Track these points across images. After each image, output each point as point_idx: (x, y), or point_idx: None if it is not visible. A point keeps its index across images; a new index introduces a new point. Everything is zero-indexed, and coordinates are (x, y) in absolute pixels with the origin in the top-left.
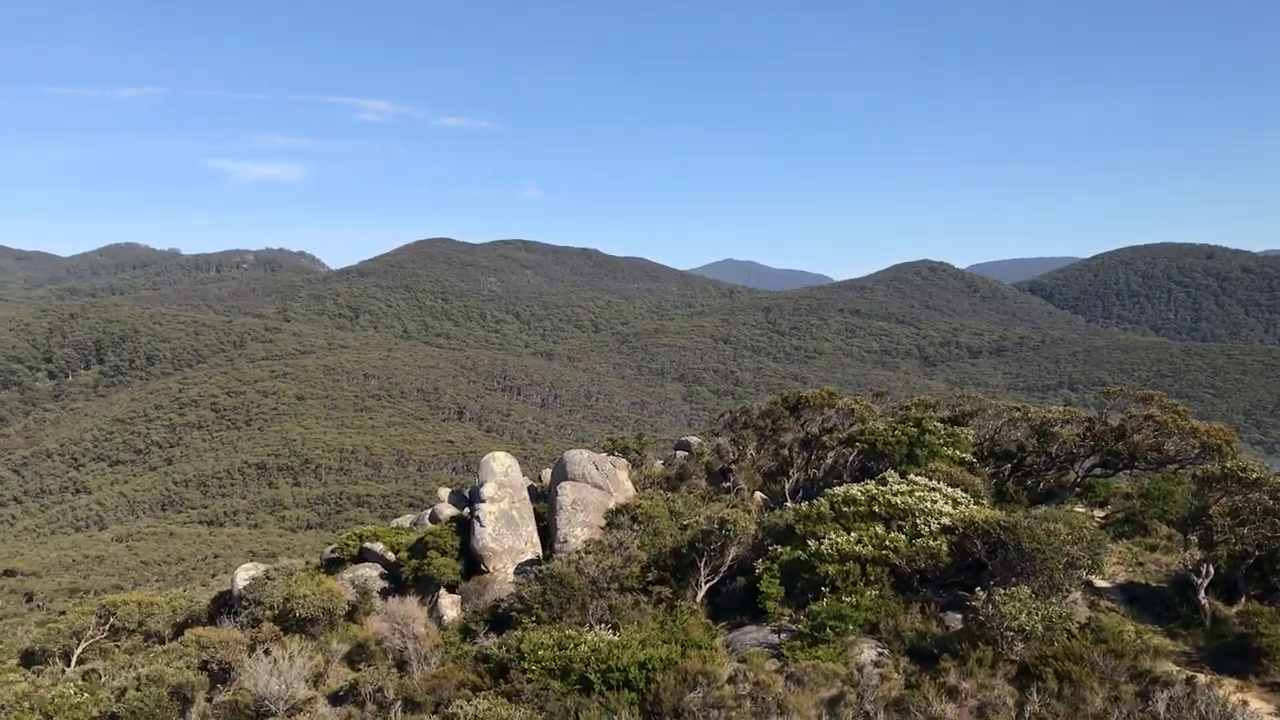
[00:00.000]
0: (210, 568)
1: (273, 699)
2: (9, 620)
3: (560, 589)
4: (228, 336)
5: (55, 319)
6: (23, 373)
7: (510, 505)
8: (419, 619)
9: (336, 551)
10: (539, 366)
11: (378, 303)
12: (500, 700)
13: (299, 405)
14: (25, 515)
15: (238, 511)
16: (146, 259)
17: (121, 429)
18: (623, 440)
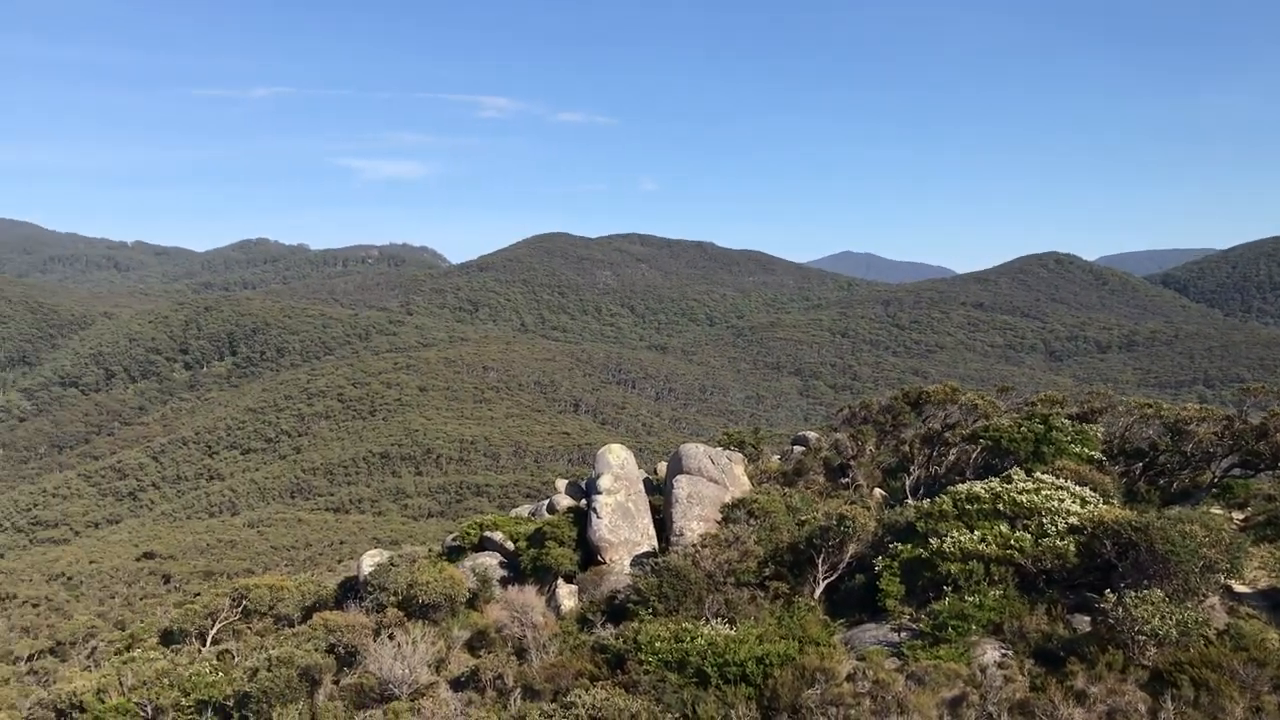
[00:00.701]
0: (336, 553)
1: (396, 683)
2: (148, 600)
3: (677, 582)
4: (353, 329)
5: (191, 312)
6: (161, 363)
7: (626, 498)
8: (537, 608)
9: (457, 540)
10: (653, 360)
11: (496, 296)
12: (617, 690)
13: (421, 396)
14: (163, 500)
15: (362, 499)
16: (277, 254)
17: (253, 418)
18: (739, 434)
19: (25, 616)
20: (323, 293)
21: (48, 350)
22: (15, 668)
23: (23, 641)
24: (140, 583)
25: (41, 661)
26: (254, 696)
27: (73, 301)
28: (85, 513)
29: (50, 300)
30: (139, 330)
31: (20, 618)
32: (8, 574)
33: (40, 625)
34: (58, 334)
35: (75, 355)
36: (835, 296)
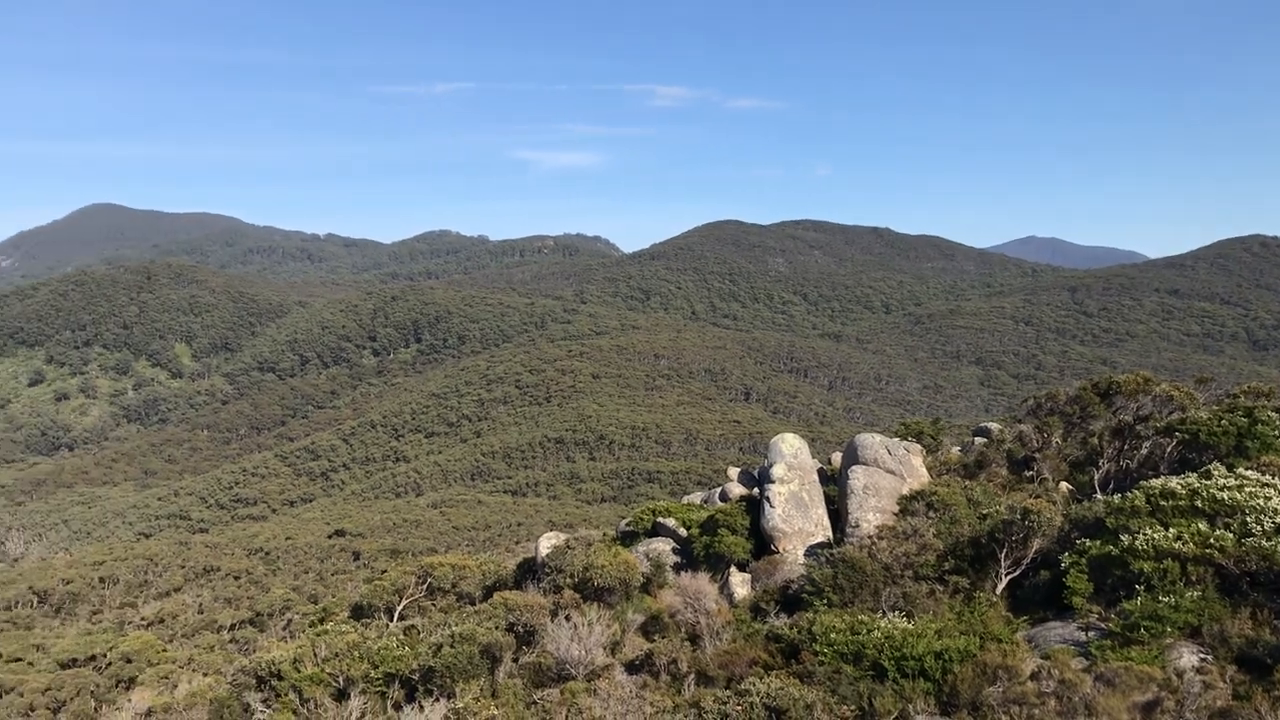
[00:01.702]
0: (514, 535)
1: (573, 663)
2: (339, 576)
3: (852, 573)
4: (530, 318)
5: (379, 301)
6: (351, 350)
7: (800, 487)
8: (710, 595)
9: (631, 525)
10: (827, 348)
11: (667, 284)
12: (792, 680)
13: (594, 383)
14: (353, 481)
15: (538, 483)
16: (458, 245)
17: (436, 403)
18: (917, 425)
19: (228, 588)
20: (501, 282)
21: (248, 337)
22: (219, 636)
23: (225, 611)
24: (332, 559)
25: (242, 631)
26: (438, 671)
27: (270, 291)
28: (281, 491)
29: (250, 290)
30: (331, 318)
31: (224, 589)
32: (212, 548)
33: (241, 597)
34: (257, 322)
35: (273, 342)
36: (1018, 283)
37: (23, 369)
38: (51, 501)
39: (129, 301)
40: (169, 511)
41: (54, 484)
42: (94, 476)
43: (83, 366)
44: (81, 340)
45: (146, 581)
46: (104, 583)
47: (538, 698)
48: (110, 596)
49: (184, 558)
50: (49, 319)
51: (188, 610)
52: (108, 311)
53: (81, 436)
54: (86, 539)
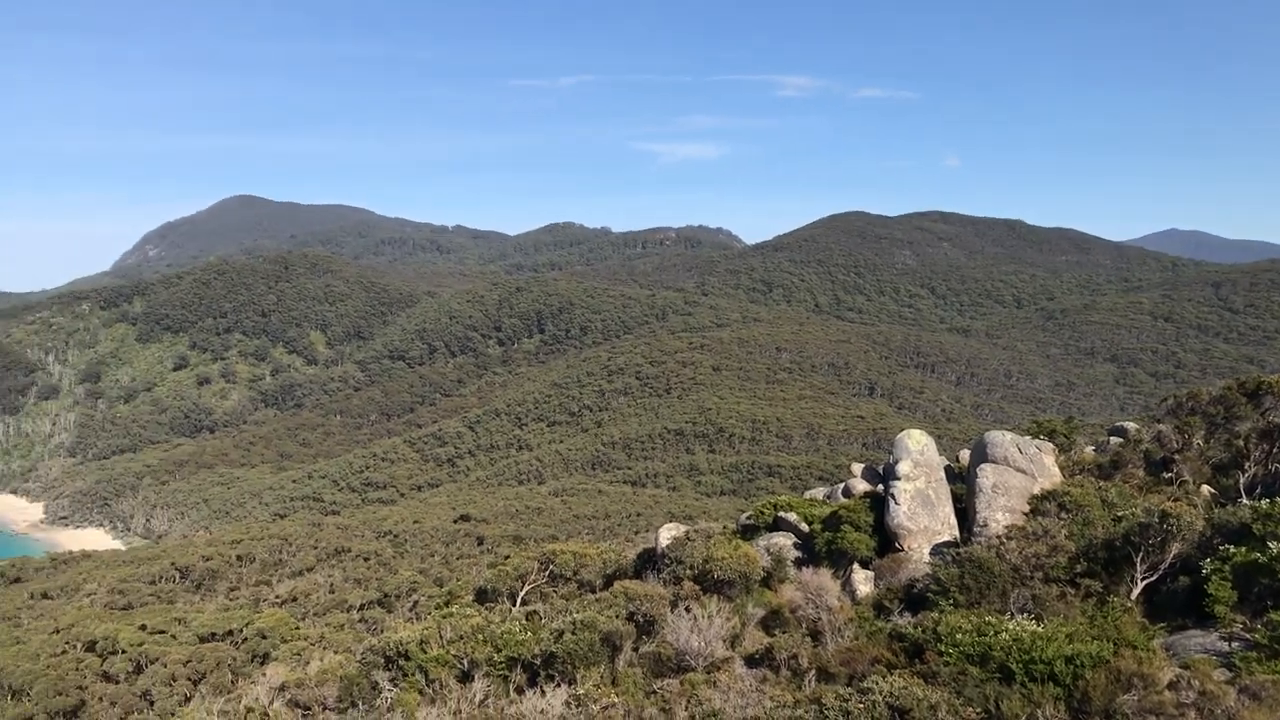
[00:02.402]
0: (633, 525)
1: (693, 654)
2: (464, 560)
3: (979, 573)
4: (651, 309)
5: (504, 292)
6: (477, 340)
7: (926, 484)
8: (832, 591)
9: (752, 519)
10: (954, 343)
11: (790, 277)
12: (916, 680)
13: (715, 376)
14: (477, 467)
15: (657, 474)
16: (581, 237)
17: (558, 393)
18: (1049, 423)
19: (357, 569)
20: (623, 274)
21: (379, 326)
22: (349, 615)
23: (355, 592)
24: (457, 543)
25: (370, 611)
26: (559, 657)
27: (400, 281)
28: (409, 476)
29: (381, 280)
30: (458, 309)
31: (353, 570)
32: (343, 530)
33: (370, 578)
34: (388, 311)
35: (403, 331)
36: (1158, 278)
37: (168, 354)
38: (193, 481)
39: (267, 290)
40: (303, 493)
41: (195, 465)
42: (233, 458)
43: (224, 352)
44: (223, 327)
45: (281, 561)
46: (241, 561)
47: (657, 687)
48: (247, 574)
49: (316, 539)
50: (193, 306)
51: (319, 589)
52: (247, 300)
53: (222, 419)
54: (225, 518)
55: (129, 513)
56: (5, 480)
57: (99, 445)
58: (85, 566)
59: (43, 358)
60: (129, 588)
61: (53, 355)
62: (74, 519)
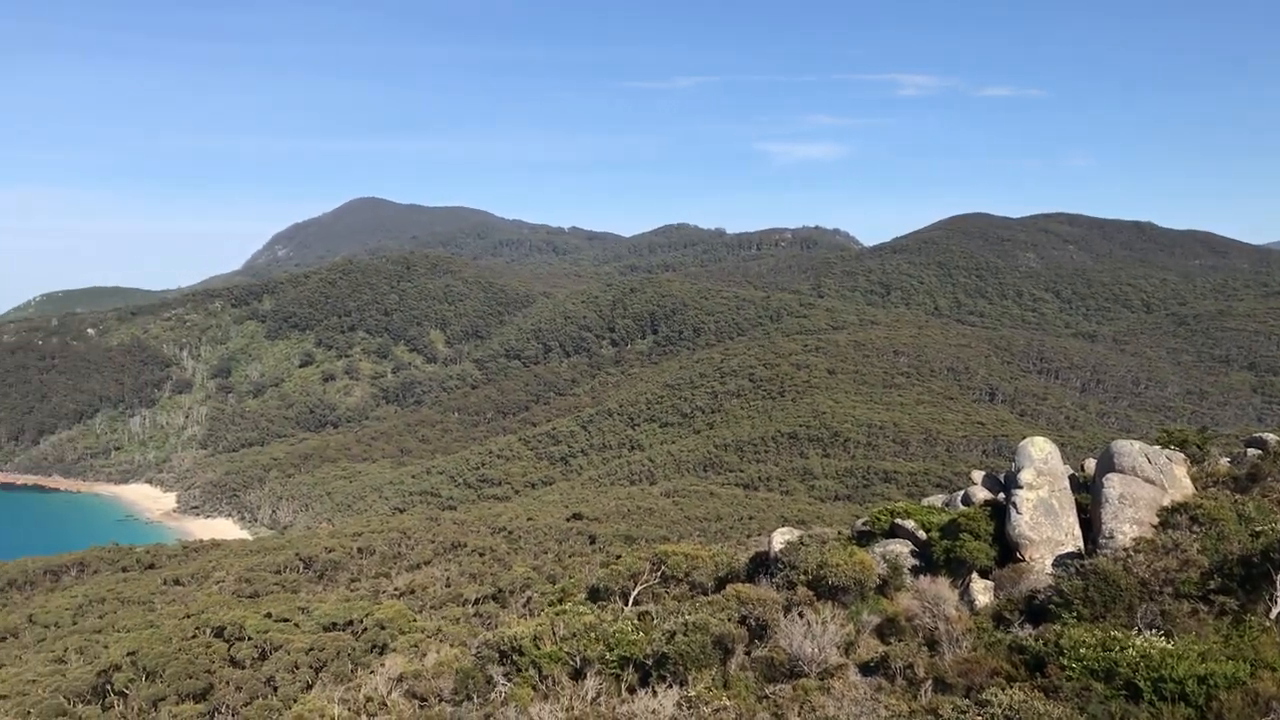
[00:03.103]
0: (745, 528)
1: (806, 660)
2: (576, 558)
3: (1105, 586)
4: (765, 311)
5: (618, 293)
6: (591, 340)
7: (1049, 494)
8: (950, 600)
9: (867, 525)
10: (1080, 348)
11: (909, 279)
12: (1036, 694)
13: (830, 379)
14: (590, 466)
15: (770, 477)
16: (695, 238)
17: (670, 394)
18: (1180, 433)
19: (473, 564)
20: (737, 275)
21: (496, 325)
22: (464, 609)
23: (470, 586)
24: (569, 541)
25: (485, 605)
26: (671, 658)
27: (517, 282)
28: (524, 473)
29: (499, 281)
30: (573, 309)
31: (469, 564)
32: (459, 525)
33: (485, 573)
34: (505, 311)
35: (519, 330)
36: None
37: (295, 351)
38: (317, 474)
39: (390, 290)
40: (421, 488)
41: (319, 459)
42: (355, 453)
43: (348, 350)
44: (347, 325)
45: (399, 554)
46: (361, 553)
47: (769, 692)
48: (367, 566)
49: (434, 533)
50: (319, 305)
51: (436, 583)
52: (371, 299)
53: (345, 415)
54: (347, 511)
55: (256, 504)
56: (142, 470)
57: (229, 438)
58: (214, 555)
59: (177, 353)
60: (255, 576)
61: (187, 351)
62: (204, 509)
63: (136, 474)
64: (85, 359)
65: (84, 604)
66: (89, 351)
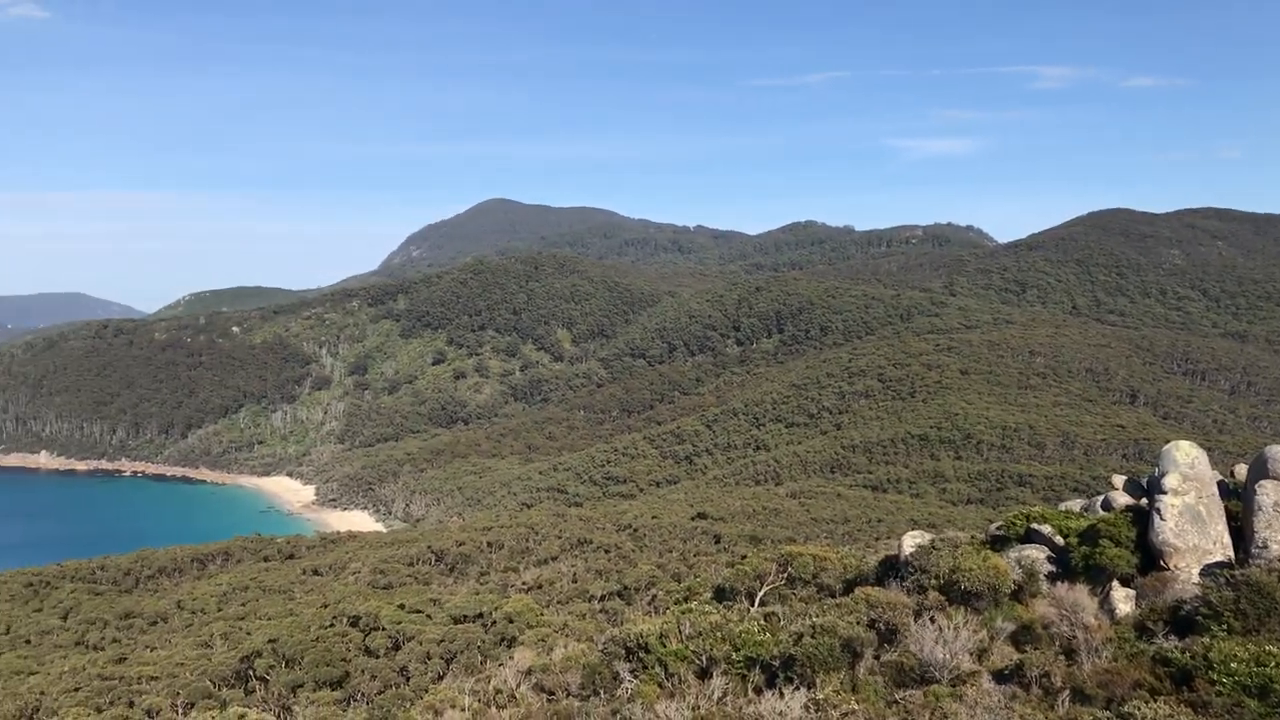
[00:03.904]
0: (874, 530)
1: (937, 666)
2: (701, 557)
3: (1258, 598)
4: (895, 310)
5: (743, 291)
6: (715, 339)
7: (1196, 500)
8: (1088, 609)
9: (1002, 529)
10: (1229, 349)
11: (1046, 277)
12: (1183, 708)
13: (962, 380)
14: (714, 465)
15: (900, 479)
16: (823, 235)
17: (796, 394)
18: None
19: (599, 560)
20: (866, 273)
21: (622, 324)
22: (590, 605)
23: (596, 582)
24: (694, 540)
25: (610, 602)
26: (798, 660)
27: (642, 281)
28: (648, 472)
29: (624, 280)
30: (698, 308)
31: (595, 561)
32: (585, 521)
33: (610, 569)
34: (630, 310)
35: (644, 329)
36: None
37: (428, 349)
38: (448, 469)
39: (518, 289)
40: (548, 485)
41: (450, 454)
42: (485, 449)
43: (478, 348)
44: (477, 324)
45: (527, 549)
46: (491, 547)
47: (899, 697)
48: (496, 560)
49: (560, 529)
50: (450, 304)
51: (562, 578)
52: (500, 298)
53: (475, 412)
54: (476, 506)
55: (390, 497)
56: (283, 464)
57: (365, 433)
58: (350, 546)
59: (317, 351)
60: (389, 568)
61: (326, 349)
62: (341, 501)
63: (278, 467)
64: (230, 356)
65: (228, 591)
66: (234, 349)
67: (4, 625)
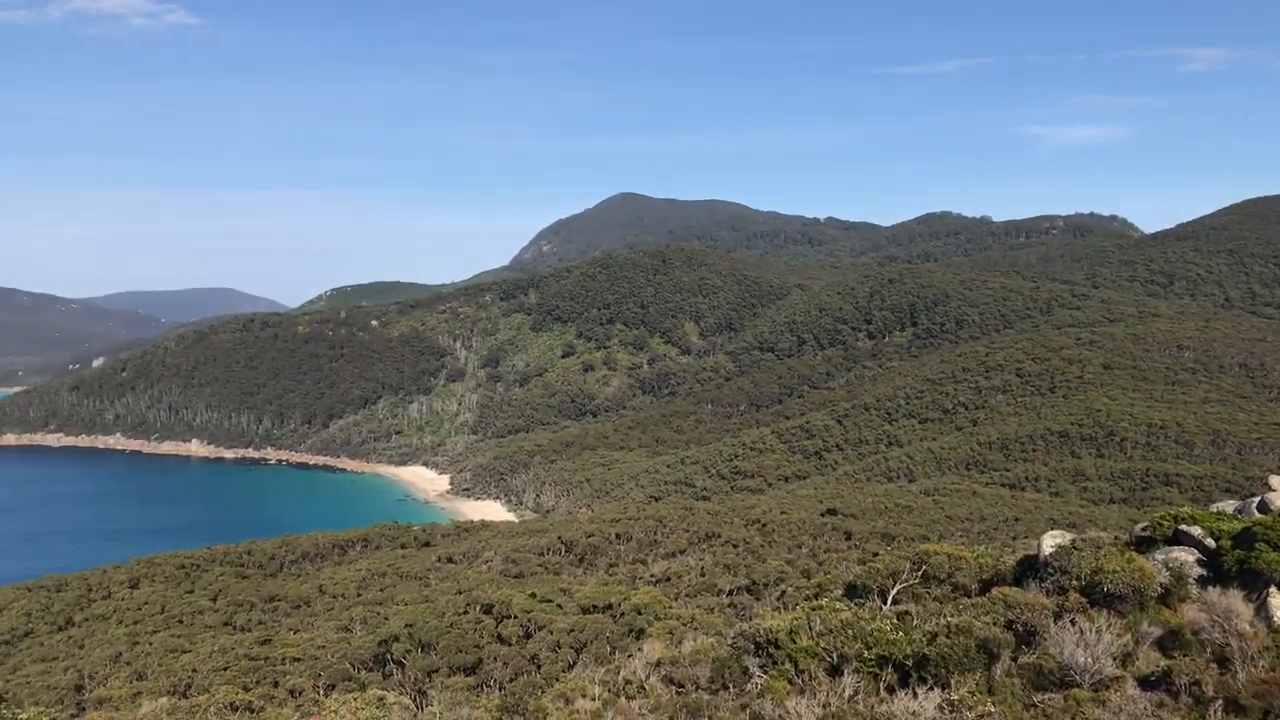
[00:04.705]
0: (1011, 530)
1: (1078, 670)
2: (831, 554)
3: None
4: (1034, 303)
5: (876, 284)
6: (847, 332)
7: None
8: (1243, 615)
9: (1148, 530)
10: None
11: (1195, 268)
12: None
13: (1105, 374)
14: (845, 461)
15: (1038, 478)
16: (958, 226)
17: (930, 388)
18: None
19: (727, 555)
20: (1003, 265)
21: (749, 318)
22: (718, 599)
23: (724, 577)
24: (824, 536)
25: (738, 597)
26: (932, 659)
27: (771, 274)
28: (777, 466)
29: (752, 273)
30: (828, 301)
31: (722, 555)
32: (713, 515)
33: (739, 564)
34: (758, 303)
35: (772, 323)
36: None
37: (557, 342)
38: (577, 461)
39: (646, 283)
40: (675, 478)
41: (579, 446)
42: (613, 441)
43: (606, 341)
44: (605, 318)
45: (655, 541)
46: (619, 539)
47: (1037, 700)
48: (624, 552)
49: (688, 522)
50: (580, 298)
51: (690, 572)
52: (628, 292)
53: (603, 404)
54: (605, 498)
55: (521, 487)
56: (419, 453)
57: (497, 424)
58: (483, 535)
59: (451, 344)
60: (520, 557)
61: (460, 342)
62: (474, 491)
63: (414, 456)
64: (369, 349)
65: (367, 577)
66: (373, 342)
67: (160, 605)
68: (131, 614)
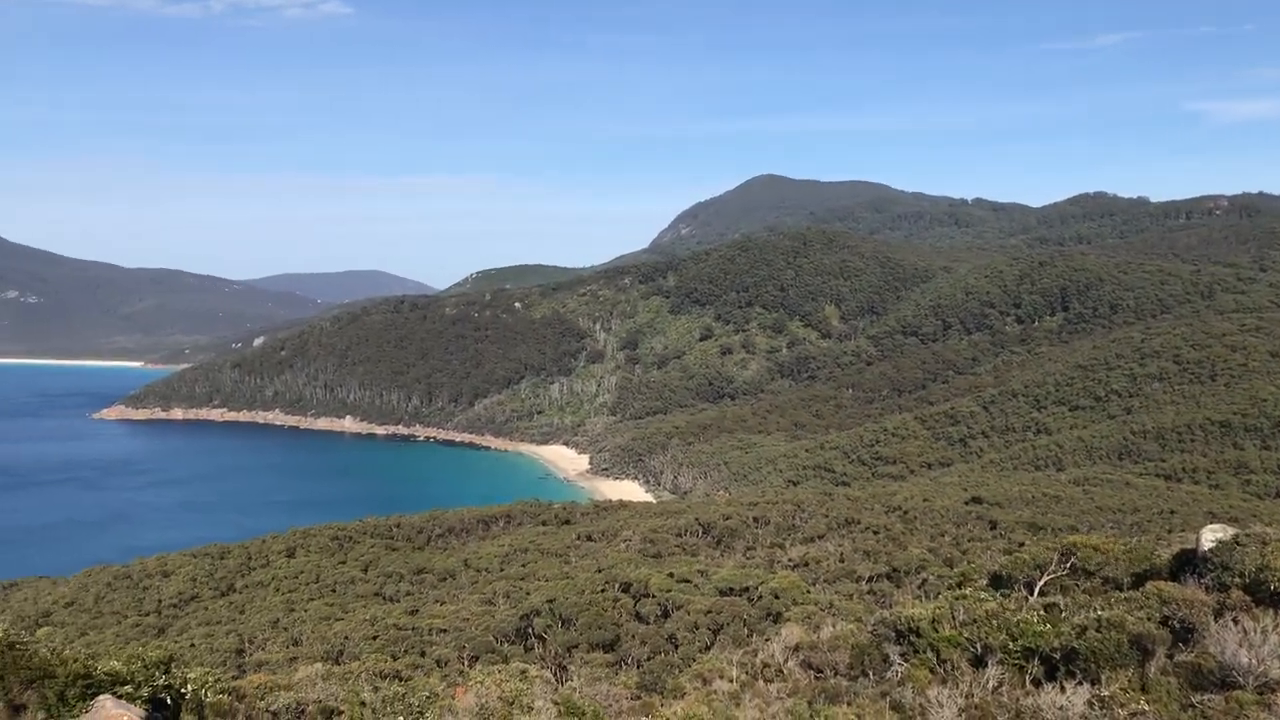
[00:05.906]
0: (1166, 523)
1: (1240, 671)
2: (975, 543)
3: None
4: (1194, 287)
5: (1025, 267)
6: (994, 317)
7: None
8: None
9: None
10: None
11: None
12: None
13: (1271, 362)
14: (990, 449)
15: (1196, 469)
16: (1114, 207)
17: (1082, 375)
18: None
19: (867, 541)
20: (1161, 247)
21: (893, 301)
22: (858, 585)
23: (864, 563)
24: (968, 525)
25: (878, 584)
26: (1081, 653)
27: (915, 256)
28: (920, 453)
29: (896, 255)
30: (975, 284)
31: (862, 542)
32: (853, 501)
33: (879, 551)
34: (901, 286)
35: (916, 306)
36: None
37: (696, 325)
38: (714, 444)
39: (786, 265)
40: (814, 463)
41: (717, 429)
42: (750, 425)
43: (744, 324)
44: (744, 301)
45: (794, 526)
46: (757, 523)
47: (1195, 701)
48: (762, 536)
49: (827, 508)
50: (718, 281)
51: (829, 557)
52: (767, 275)
53: (741, 388)
54: (742, 481)
55: (659, 469)
56: (559, 433)
57: (635, 406)
58: (622, 515)
59: (591, 326)
60: (658, 538)
61: (599, 324)
62: (613, 471)
63: (555, 436)
64: (513, 330)
65: (510, 552)
66: (516, 324)
67: (314, 574)
68: (288, 582)
